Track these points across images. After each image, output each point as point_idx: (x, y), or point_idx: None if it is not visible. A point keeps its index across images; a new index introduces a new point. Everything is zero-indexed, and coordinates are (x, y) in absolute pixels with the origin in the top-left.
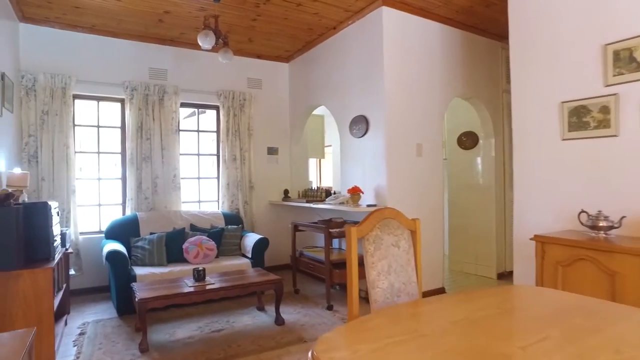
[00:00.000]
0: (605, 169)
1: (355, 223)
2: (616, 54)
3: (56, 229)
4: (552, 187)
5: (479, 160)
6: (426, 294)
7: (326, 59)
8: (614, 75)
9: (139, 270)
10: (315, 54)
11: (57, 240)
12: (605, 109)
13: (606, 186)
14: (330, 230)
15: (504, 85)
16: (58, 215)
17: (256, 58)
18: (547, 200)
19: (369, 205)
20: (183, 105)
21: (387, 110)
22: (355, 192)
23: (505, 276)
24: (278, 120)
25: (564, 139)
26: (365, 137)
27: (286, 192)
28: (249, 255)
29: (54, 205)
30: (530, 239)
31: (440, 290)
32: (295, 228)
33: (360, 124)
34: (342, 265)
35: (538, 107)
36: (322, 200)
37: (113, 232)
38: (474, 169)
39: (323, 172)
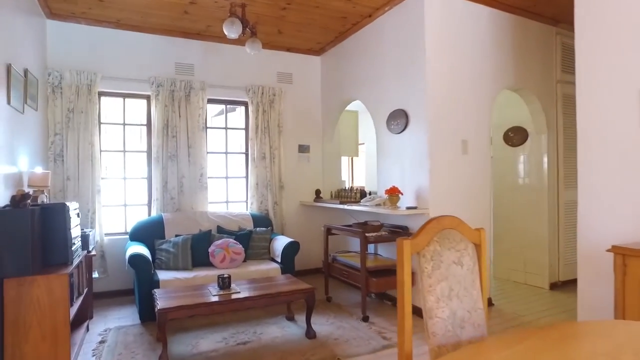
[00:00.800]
0: None
1: (396, 228)
2: None
3: (75, 231)
4: (628, 188)
5: (528, 158)
6: None
7: (361, 50)
8: None
9: (162, 275)
10: (348, 45)
11: (77, 243)
12: None
13: None
14: (367, 234)
15: (558, 75)
16: (78, 216)
17: (286, 51)
18: (621, 204)
19: (409, 208)
20: (210, 101)
21: (430, 103)
22: (393, 193)
23: (559, 287)
24: (309, 117)
25: None
26: (404, 132)
27: (318, 192)
28: (278, 260)
29: (73, 206)
30: (608, 250)
31: (488, 302)
32: (328, 231)
33: (398, 119)
34: (379, 273)
35: (611, 95)
36: (356, 202)
37: (137, 234)
38: (523, 168)
39: (355, 172)
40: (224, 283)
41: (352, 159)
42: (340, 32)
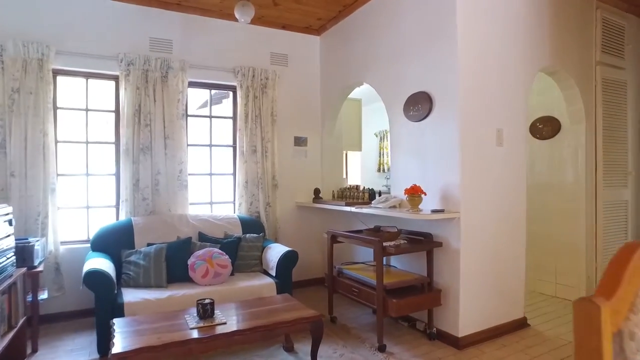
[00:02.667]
0: None
1: (416, 235)
2: None
3: (6, 243)
4: None
5: (561, 152)
6: (505, 327)
7: (371, 26)
8: None
9: (129, 295)
10: (355, 21)
11: (7, 259)
12: None
13: None
14: (385, 244)
15: (598, 56)
16: (10, 224)
17: (281, 29)
18: None
19: (435, 211)
20: (192, 85)
21: (461, 84)
22: (415, 193)
23: None
24: (307, 105)
25: None
26: (427, 120)
27: (317, 191)
28: (273, 273)
29: (3, 210)
30: None
31: (522, 322)
32: (333, 239)
33: (420, 104)
34: (399, 292)
35: None
36: (365, 203)
37: (101, 243)
38: (554, 164)
39: (350, 168)
40: (205, 311)
41: (346, 154)
42: (345, 6)
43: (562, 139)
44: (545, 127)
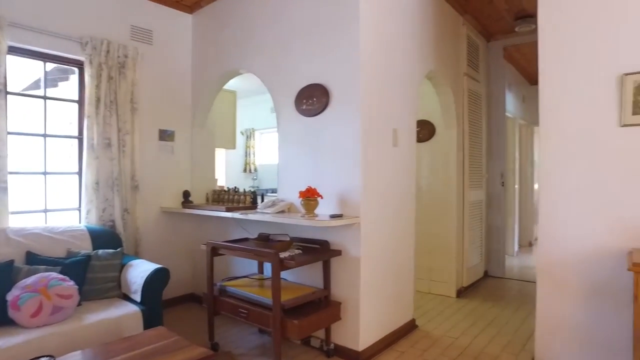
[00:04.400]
0: None
1: (311, 243)
2: None
3: None
4: (602, 190)
5: (435, 155)
6: (399, 332)
7: (255, 8)
8: None
9: None
10: (234, 2)
11: None
12: None
13: None
14: (282, 256)
15: (464, 68)
16: None
17: None
18: (594, 208)
19: (333, 217)
20: (14, 51)
21: (364, 76)
22: (310, 197)
23: (464, 293)
24: (176, 93)
25: (624, 125)
26: (323, 115)
27: (186, 194)
28: (137, 298)
29: None
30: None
31: (412, 325)
32: (214, 252)
33: (315, 97)
34: (297, 310)
35: (582, 83)
36: (249, 208)
37: None
38: (429, 166)
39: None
40: None
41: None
42: None
43: (436, 142)
44: (422, 131)
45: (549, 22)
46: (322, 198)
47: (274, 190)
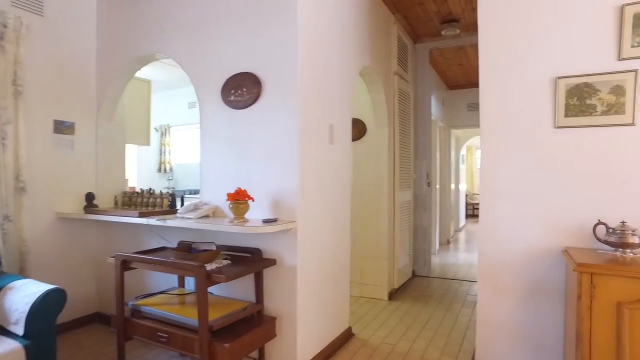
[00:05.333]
0: (616, 167)
1: (241, 252)
2: (637, 17)
3: None
4: (539, 190)
5: (365, 155)
6: (336, 342)
7: None
8: (633, 46)
9: None
10: None
11: None
12: (619, 90)
13: (617, 189)
14: (209, 269)
15: (395, 67)
16: None
17: None
18: (531, 209)
19: (267, 222)
20: None
21: (301, 65)
22: (240, 200)
23: (396, 295)
24: (76, 77)
25: (558, 127)
26: (254, 108)
27: (90, 197)
28: (19, 331)
29: None
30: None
31: (348, 333)
32: (125, 266)
33: (245, 87)
34: (227, 329)
35: (520, 85)
36: (167, 213)
37: None
38: (359, 166)
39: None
40: None
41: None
42: None
43: (367, 142)
44: (353, 129)
45: (488, 27)
46: (253, 201)
47: (192, 192)
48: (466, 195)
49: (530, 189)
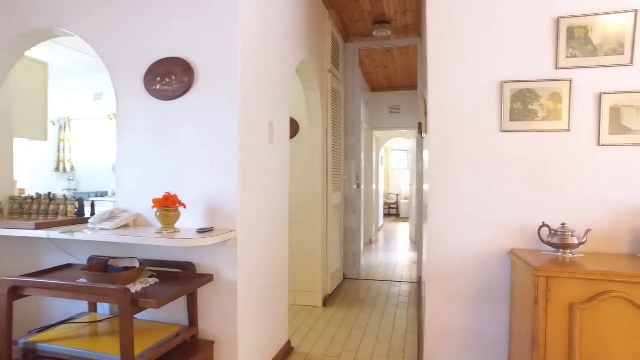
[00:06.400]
0: (555, 171)
1: (170, 267)
2: (570, 31)
3: None
4: (485, 193)
5: (298, 155)
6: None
7: None
8: (567, 57)
9: None
10: None
11: None
12: (556, 97)
13: (557, 192)
14: (134, 291)
15: (328, 65)
16: None
17: None
18: (478, 211)
19: (202, 232)
20: None
21: (243, 52)
22: (170, 207)
23: (330, 301)
24: None
25: (503, 131)
26: (185, 99)
27: None
28: None
29: None
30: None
31: (288, 348)
32: (15, 293)
33: (174, 75)
34: None
35: (466, 87)
36: (73, 222)
37: None
38: (292, 167)
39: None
40: None
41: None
42: None
43: (300, 141)
44: None
45: (436, 32)
46: (185, 207)
47: (99, 194)
48: (384, 195)
49: (477, 192)
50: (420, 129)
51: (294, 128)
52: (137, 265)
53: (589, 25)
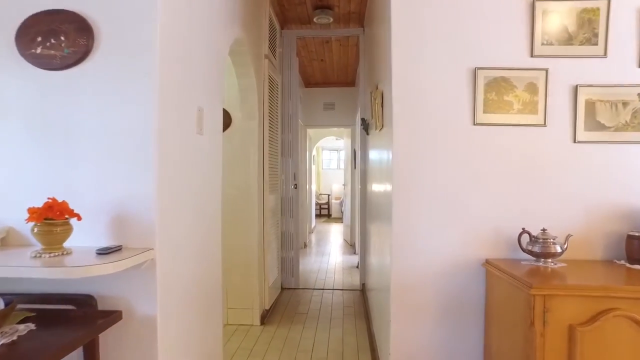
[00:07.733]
0: (531, 170)
1: (59, 302)
2: (546, 15)
3: None
4: (456, 195)
5: (232, 152)
6: None
7: None
8: (543, 44)
9: None
10: None
11: None
12: (532, 88)
13: (536, 194)
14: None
15: (265, 50)
16: None
17: None
18: (447, 215)
19: (103, 253)
20: None
21: (164, 20)
22: (55, 218)
23: (268, 317)
24: None
25: (476, 124)
26: (79, 69)
27: None
28: None
29: None
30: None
31: None
32: None
33: (62, 34)
34: None
35: (436, 74)
36: None
37: None
38: (224, 165)
39: None
40: None
41: None
42: None
43: (233, 136)
44: None
45: (401, 20)
46: (79, 219)
47: None
48: (315, 195)
49: (447, 193)
50: (365, 125)
51: (226, 120)
52: (2, 305)
53: (564, 11)
